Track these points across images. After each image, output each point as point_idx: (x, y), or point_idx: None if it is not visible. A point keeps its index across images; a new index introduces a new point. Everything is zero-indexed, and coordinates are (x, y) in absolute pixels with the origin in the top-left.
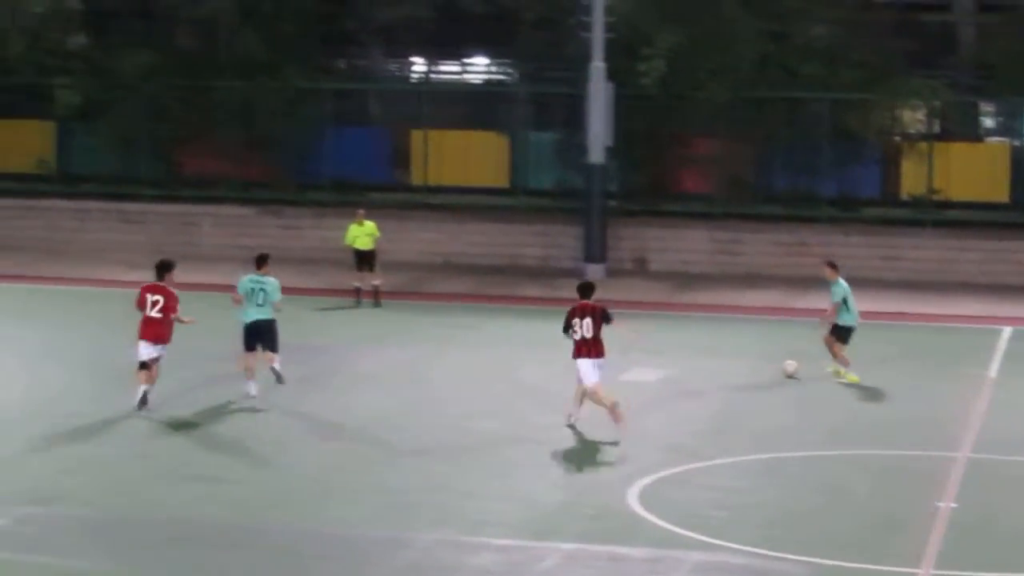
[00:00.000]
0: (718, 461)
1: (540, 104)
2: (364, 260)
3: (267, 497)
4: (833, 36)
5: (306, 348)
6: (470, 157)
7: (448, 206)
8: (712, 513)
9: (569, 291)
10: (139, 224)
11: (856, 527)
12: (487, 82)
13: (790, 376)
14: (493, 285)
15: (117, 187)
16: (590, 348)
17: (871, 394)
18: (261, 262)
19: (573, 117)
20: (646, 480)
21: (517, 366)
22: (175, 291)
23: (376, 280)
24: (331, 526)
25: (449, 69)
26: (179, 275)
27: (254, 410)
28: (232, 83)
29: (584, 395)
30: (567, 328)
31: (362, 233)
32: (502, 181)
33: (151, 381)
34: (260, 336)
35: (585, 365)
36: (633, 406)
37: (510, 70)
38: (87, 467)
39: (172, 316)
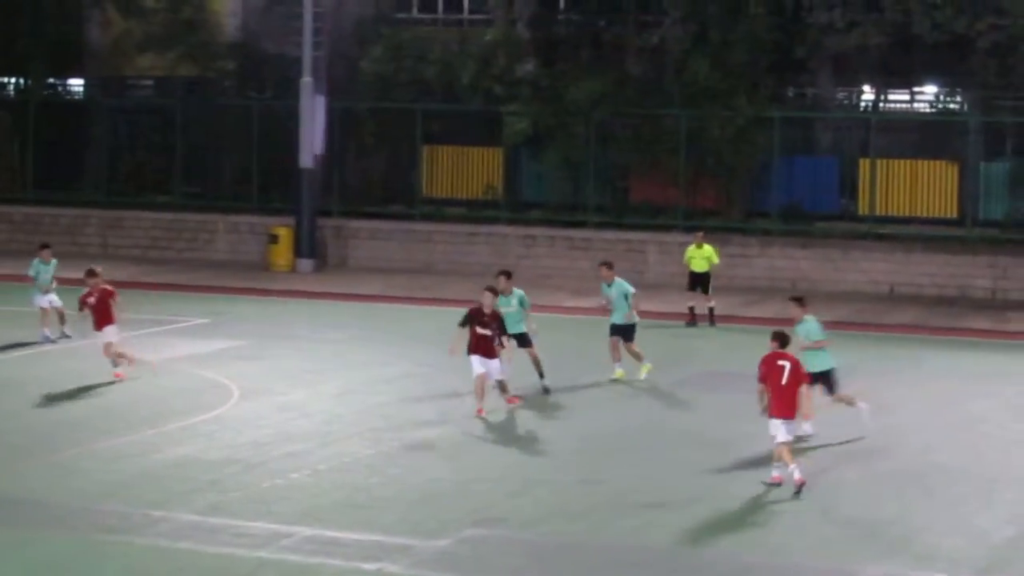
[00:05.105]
0: None
1: (992, 133)
2: (698, 282)
3: (714, 525)
4: None
5: None
6: (918, 187)
7: (895, 236)
8: None
9: (1021, 323)
10: (584, 251)
11: None
12: (937, 111)
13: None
14: (939, 317)
15: (564, 214)
16: None
17: None
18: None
19: None
20: None
21: (963, 399)
22: None
23: (711, 302)
24: (775, 556)
25: (898, 97)
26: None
27: (700, 435)
28: (681, 111)
29: None
30: None
31: (699, 255)
32: (951, 211)
33: None
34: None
35: None
36: None
37: (960, 98)
38: (533, 491)
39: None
